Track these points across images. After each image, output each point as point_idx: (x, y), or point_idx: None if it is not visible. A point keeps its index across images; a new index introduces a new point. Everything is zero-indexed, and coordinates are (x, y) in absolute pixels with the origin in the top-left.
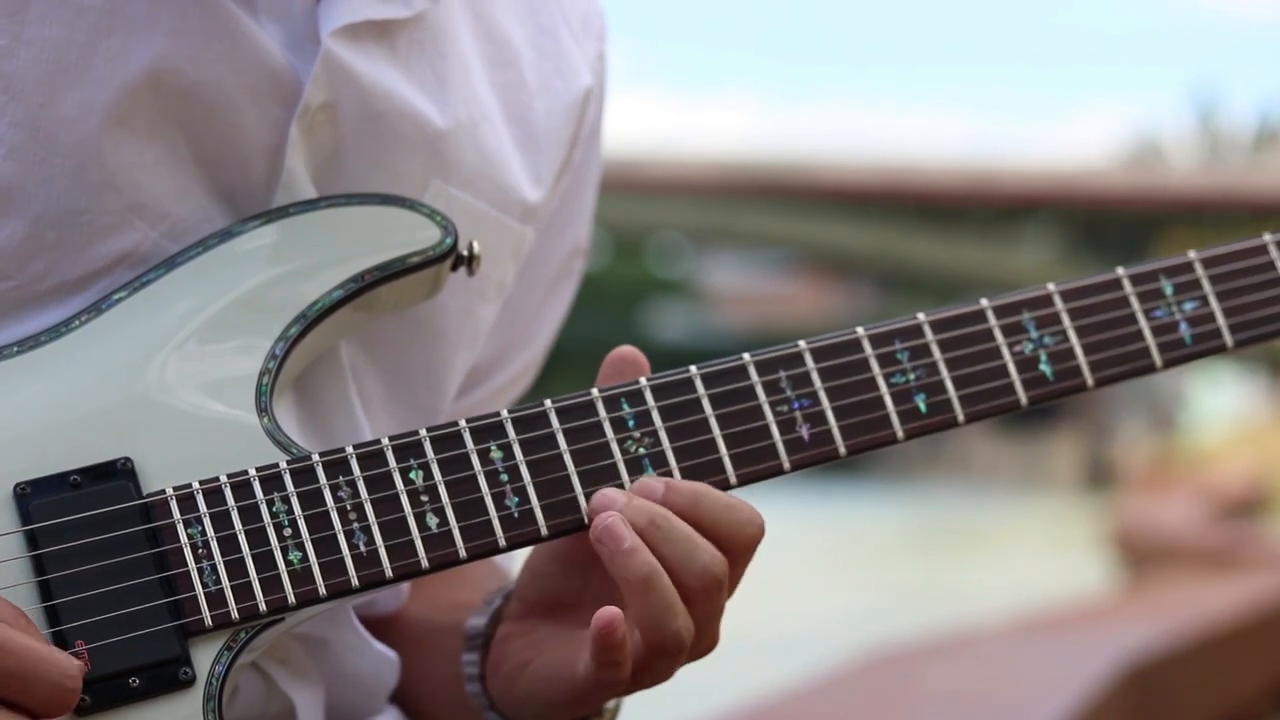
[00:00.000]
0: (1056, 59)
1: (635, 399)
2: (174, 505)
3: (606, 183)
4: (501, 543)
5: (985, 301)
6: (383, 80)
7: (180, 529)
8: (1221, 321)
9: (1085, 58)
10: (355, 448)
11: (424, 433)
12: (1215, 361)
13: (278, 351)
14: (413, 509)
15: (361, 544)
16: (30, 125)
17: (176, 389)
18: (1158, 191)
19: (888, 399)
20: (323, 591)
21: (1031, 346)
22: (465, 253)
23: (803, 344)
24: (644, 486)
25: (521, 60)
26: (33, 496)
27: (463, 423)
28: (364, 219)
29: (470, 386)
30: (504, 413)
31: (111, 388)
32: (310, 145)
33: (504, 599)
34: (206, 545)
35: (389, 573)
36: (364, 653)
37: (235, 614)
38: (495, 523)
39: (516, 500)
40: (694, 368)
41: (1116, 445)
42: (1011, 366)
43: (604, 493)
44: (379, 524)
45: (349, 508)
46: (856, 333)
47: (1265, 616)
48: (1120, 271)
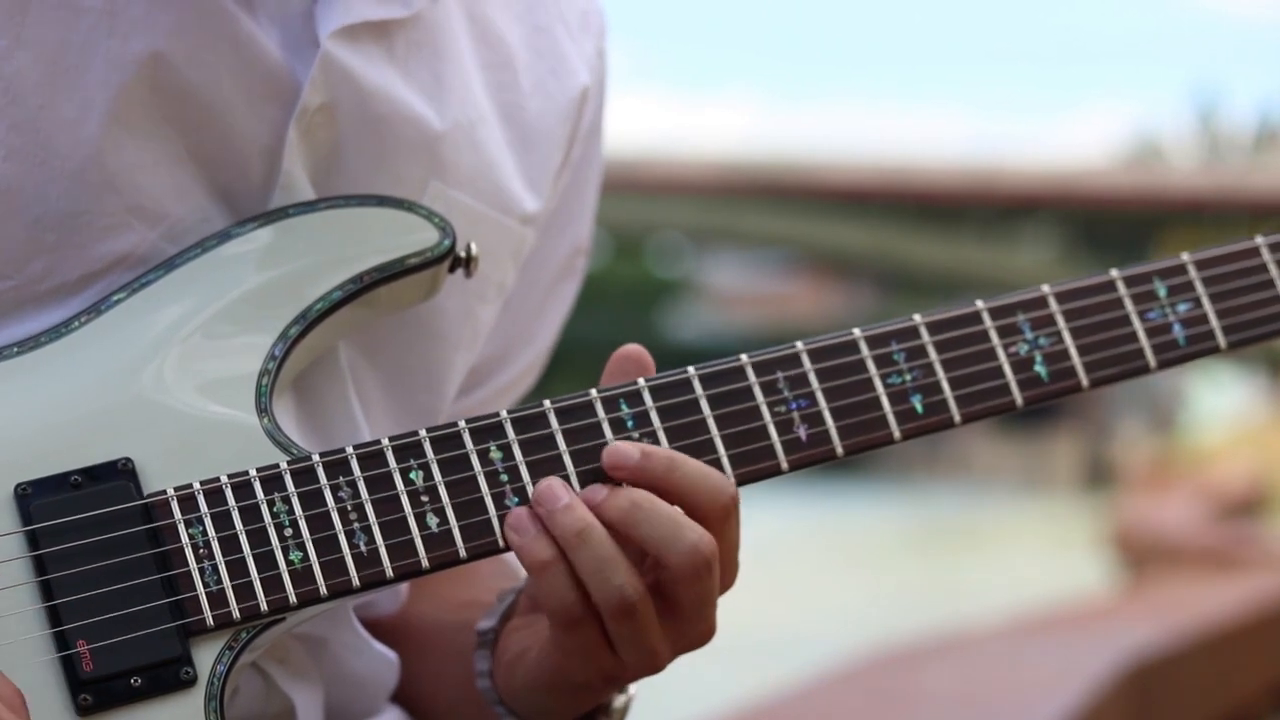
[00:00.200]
0: (1057, 59)
1: (634, 400)
2: (175, 505)
3: (606, 183)
4: (501, 543)
5: (981, 303)
6: (381, 82)
7: (181, 529)
8: (1215, 323)
9: (1085, 58)
10: (355, 448)
11: (424, 433)
12: (1214, 361)
13: (277, 352)
14: (413, 509)
15: (362, 544)
16: (30, 127)
17: (176, 389)
18: (1158, 191)
19: (884, 400)
20: (324, 591)
21: (1027, 348)
22: (463, 254)
23: (800, 345)
24: (618, 451)
25: (516, 60)
26: (34, 497)
27: (462, 423)
28: (362, 220)
29: (472, 386)
30: (503, 413)
31: (112, 388)
32: (308, 146)
33: (516, 596)
34: (208, 545)
35: (389, 572)
36: (363, 653)
37: (237, 614)
38: (495, 522)
39: (516, 500)
40: (692, 369)
41: (1116, 445)
42: (1007, 367)
43: (593, 489)
44: (379, 524)
45: (349, 508)
46: (853, 334)
47: (1265, 616)
48: (1114, 273)
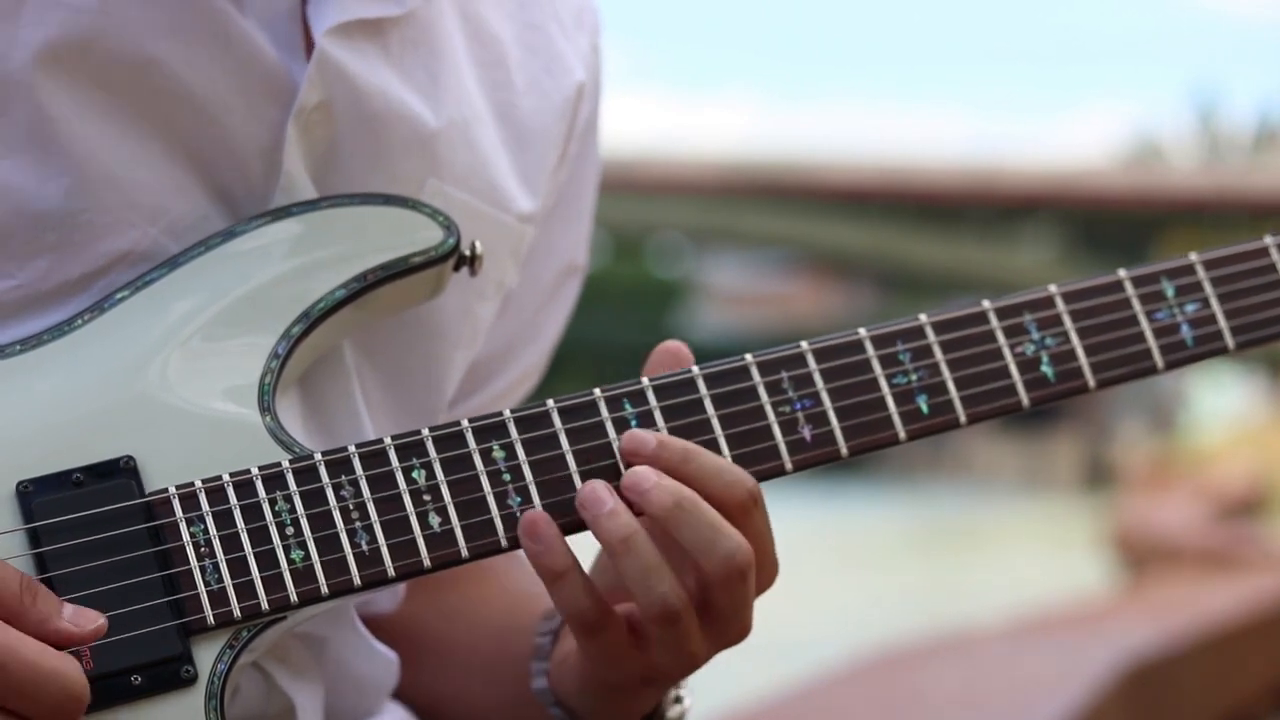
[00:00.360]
0: (1056, 59)
1: (638, 399)
2: (176, 504)
3: (606, 183)
4: (503, 542)
5: (987, 303)
6: (376, 80)
7: (182, 527)
8: (1223, 323)
9: (1085, 58)
10: (358, 447)
11: (426, 432)
12: (1216, 362)
13: (280, 350)
14: (415, 508)
15: (364, 543)
16: (28, 126)
17: (179, 388)
18: (1158, 191)
19: (890, 400)
20: (325, 590)
21: (1033, 348)
22: (467, 252)
23: (805, 344)
24: (635, 438)
25: (509, 59)
26: (35, 494)
27: (465, 422)
28: (366, 219)
29: (474, 389)
30: (506, 412)
31: (114, 386)
32: (307, 145)
33: None
34: (209, 544)
35: (391, 572)
36: (364, 652)
37: (237, 612)
38: (497, 522)
39: (519, 500)
40: (696, 368)
41: (1117, 445)
42: (1013, 367)
43: (641, 473)
44: (381, 523)
45: (351, 507)
46: (859, 333)
47: (1265, 616)
48: (1122, 273)
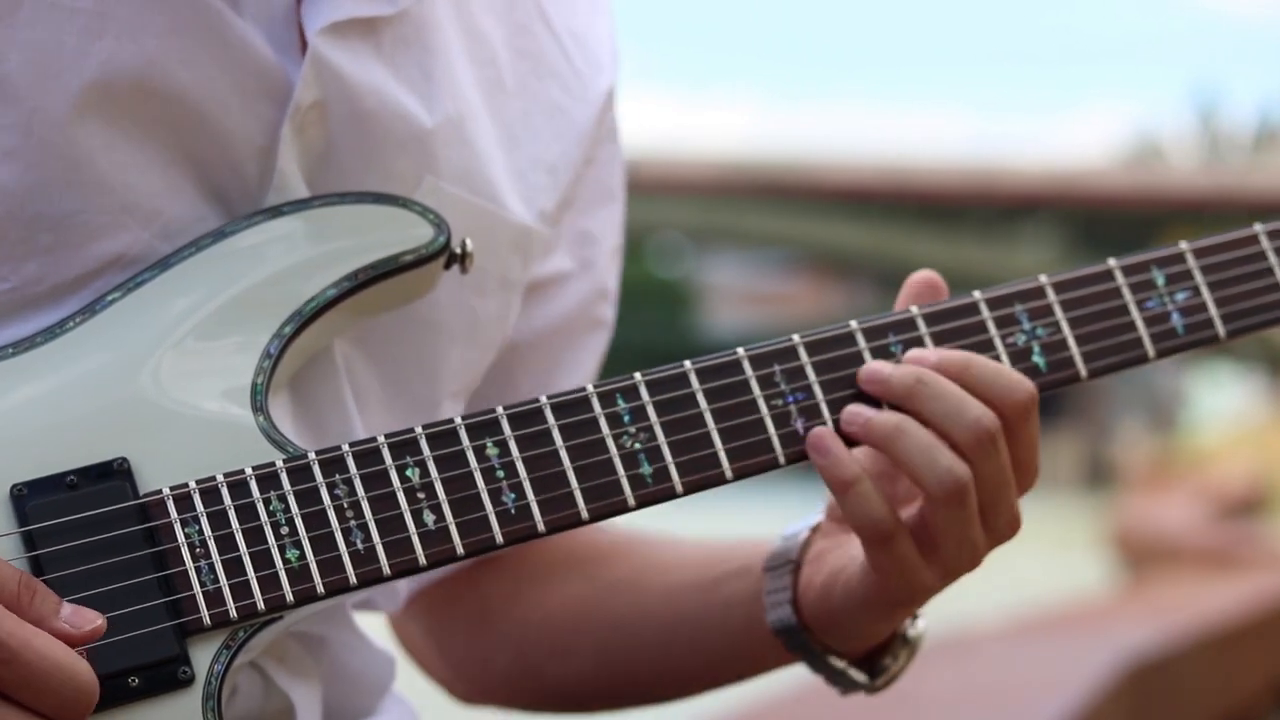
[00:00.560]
0: (1057, 59)
1: (630, 394)
2: (171, 505)
3: None
4: (499, 539)
5: (978, 294)
6: (370, 78)
7: (177, 528)
8: (1213, 311)
9: (1085, 58)
10: (351, 445)
11: (420, 430)
12: (1215, 360)
13: (273, 350)
14: (409, 506)
15: (359, 541)
16: (23, 128)
17: (172, 389)
18: (1158, 191)
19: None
20: (320, 589)
21: (1024, 338)
22: (458, 250)
23: (796, 338)
24: (915, 356)
25: (499, 58)
26: (29, 498)
27: (458, 419)
28: (357, 217)
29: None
30: (499, 409)
31: (107, 388)
32: (302, 144)
33: (810, 530)
34: (204, 544)
35: (386, 570)
36: (362, 651)
37: (233, 613)
38: (492, 519)
39: (513, 496)
40: (688, 362)
41: (1116, 445)
42: (1004, 358)
43: (872, 363)
44: (376, 521)
45: (346, 505)
46: (850, 326)
47: (1265, 616)
48: (1112, 262)
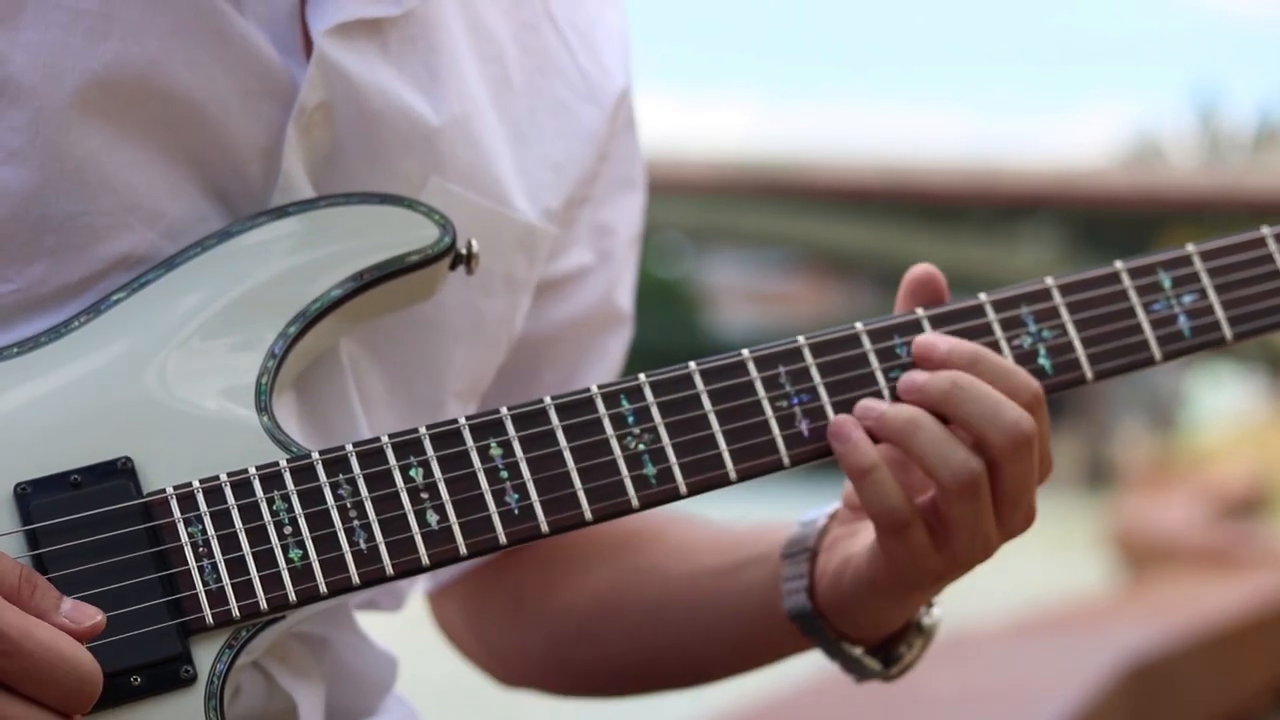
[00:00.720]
0: (1057, 59)
1: (634, 395)
2: (174, 504)
3: None
4: (502, 539)
5: (984, 296)
6: (376, 78)
7: (180, 527)
8: (1220, 314)
9: (1086, 58)
10: (355, 445)
11: (423, 430)
12: (1215, 360)
13: (277, 350)
14: (413, 506)
15: (362, 541)
16: (28, 130)
17: (176, 388)
18: (1158, 191)
19: (887, 394)
20: (323, 589)
21: (1030, 340)
22: (464, 251)
23: (801, 339)
24: (924, 344)
25: (506, 55)
26: (33, 496)
27: (462, 420)
28: (362, 218)
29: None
30: (503, 410)
31: (111, 388)
32: (307, 145)
33: (828, 517)
34: (207, 544)
35: (389, 570)
36: (364, 652)
37: (236, 612)
38: (495, 519)
39: (517, 497)
40: (693, 364)
41: (1116, 444)
42: (1010, 360)
43: (910, 374)
44: (379, 521)
45: (349, 505)
46: (855, 328)
47: (1265, 616)
48: (1118, 265)
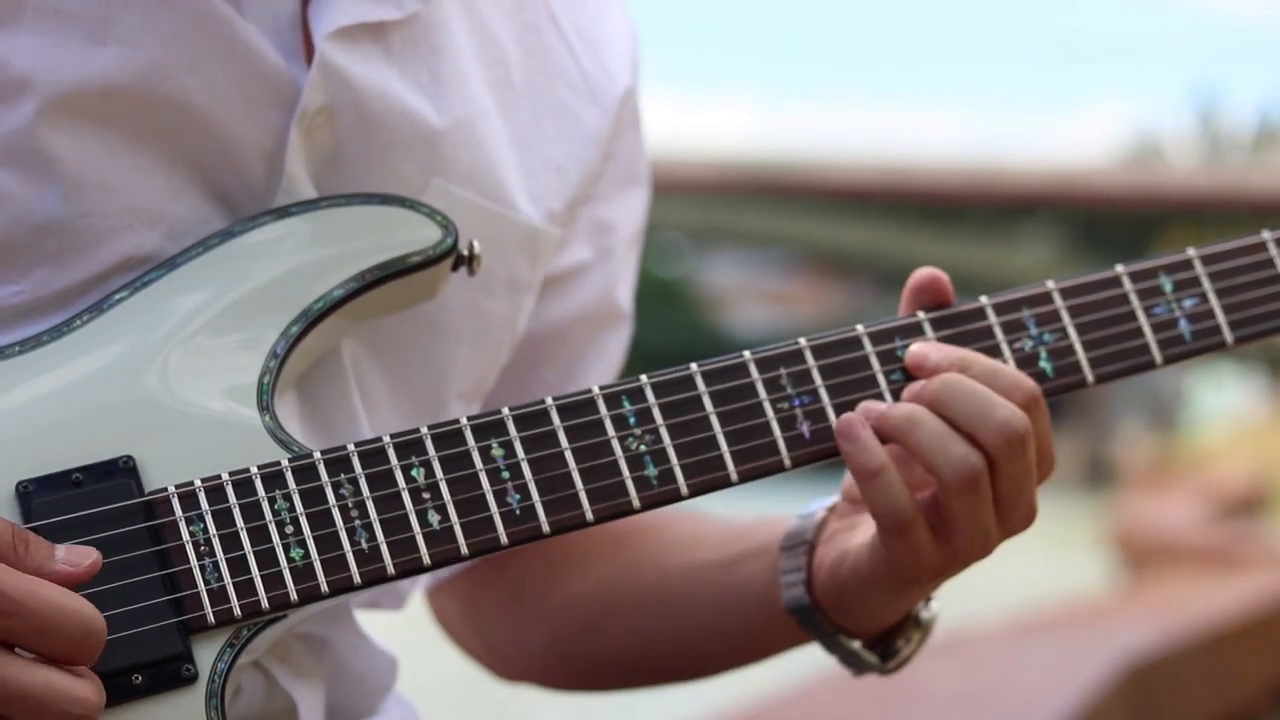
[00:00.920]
0: (1057, 59)
1: (636, 396)
2: (176, 503)
3: None
4: (503, 539)
5: (985, 299)
6: (378, 81)
7: (182, 526)
8: (1221, 318)
9: (1086, 58)
10: (356, 445)
11: (425, 430)
12: (1215, 360)
13: (279, 350)
14: (414, 506)
15: (363, 541)
16: (29, 133)
17: (178, 388)
18: (1158, 191)
19: (888, 396)
20: (325, 588)
21: (1031, 343)
22: (465, 252)
23: (803, 341)
24: (916, 354)
25: (509, 57)
26: (35, 494)
27: (464, 420)
28: (364, 219)
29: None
30: (505, 410)
31: (113, 387)
32: (309, 148)
33: (826, 510)
34: (209, 543)
35: (391, 569)
36: (364, 652)
37: (238, 611)
38: (497, 519)
39: (518, 497)
40: (694, 365)
41: (1116, 444)
42: (1011, 363)
43: (909, 385)
44: (380, 521)
45: (350, 505)
46: (856, 330)
47: (1265, 616)
48: (1120, 269)
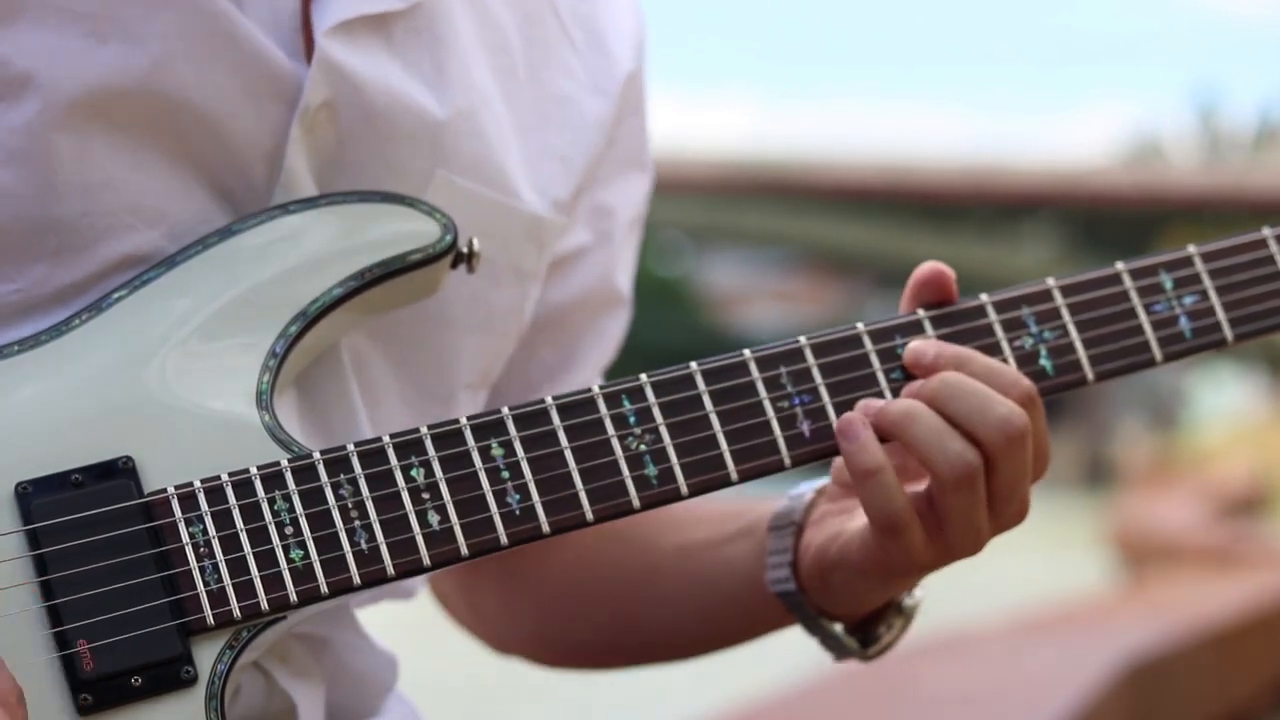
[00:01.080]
0: (1058, 59)
1: (636, 395)
2: (175, 504)
3: None
4: (503, 540)
5: (985, 297)
6: (380, 75)
7: (181, 528)
8: (1221, 315)
9: (1086, 57)
10: (356, 445)
11: (425, 430)
12: (1215, 359)
13: (278, 349)
14: (414, 506)
15: (363, 541)
16: (29, 131)
17: (177, 387)
18: (1158, 190)
19: (888, 395)
20: (324, 589)
21: (1031, 341)
22: (465, 250)
23: (803, 339)
24: (914, 350)
25: (512, 46)
26: (34, 496)
27: (463, 420)
28: (364, 216)
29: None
30: (505, 410)
31: (112, 386)
32: (311, 144)
33: (815, 492)
34: (208, 544)
35: (390, 570)
36: (364, 652)
37: (237, 612)
38: (497, 519)
39: (518, 497)
40: (694, 364)
41: (1117, 444)
42: (1011, 361)
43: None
44: (380, 521)
45: (350, 505)
46: (857, 328)
47: (1265, 615)
48: (1120, 266)
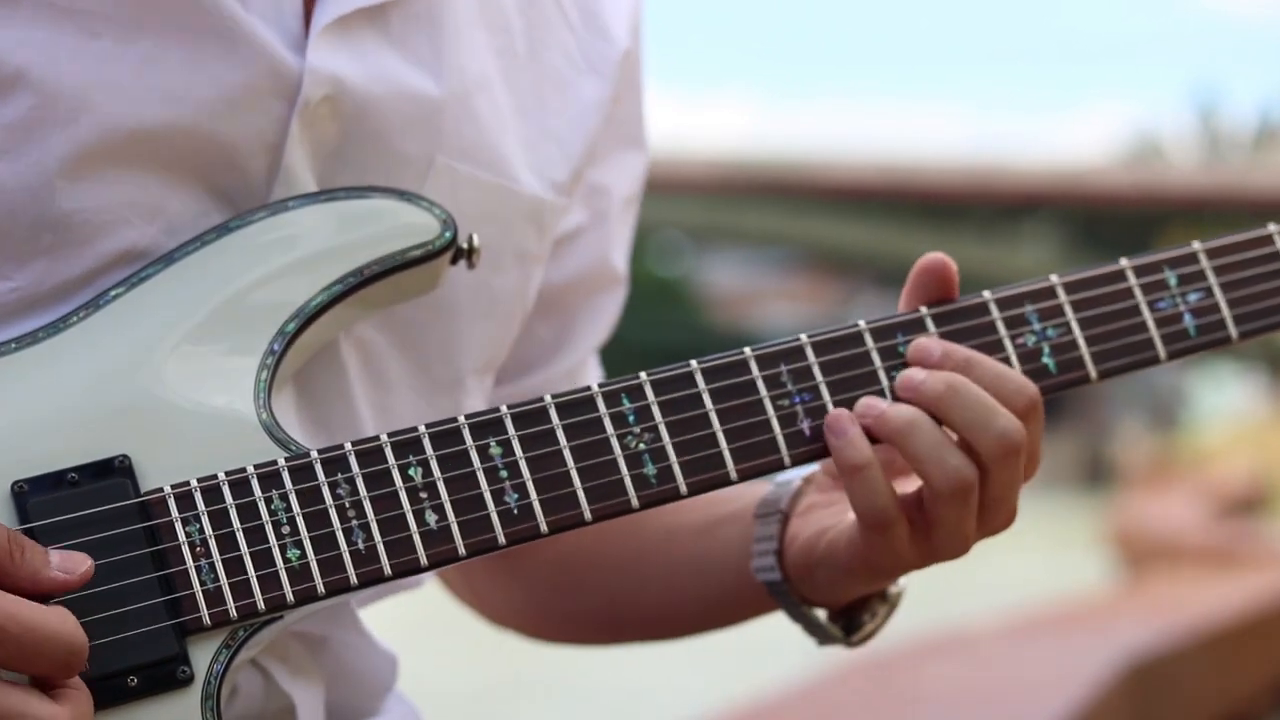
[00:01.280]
0: (1058, 59)
1: (635, 394)
2: (171, 503)
3: None
4: (501, 539)
5: (988, 294)
6: (379, 67)
7: (178, 527)
8: (1226, 312)
9: (1086, 57)
10: (354, 444)
11: (423, 429)
12: (1216, 359)
13: (276, 347)
14: (411, 506)
15: (360, 541)
16: (24, 127)
17: (174, 386)
18: (1158, 190)
19: (889, 393)
20: (321, 589)
21: (1034, 339)
22: (465, 245)
23: (804, 337)
24: (919, 348)
25: (512, 25)
26: (30, 494)
27: (462, 419)
28: (362, 212)
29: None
30: (503, 409)
31: (109, 384)
32: (312, 139)
33: (803, 480)
34: (204, 543)
35: (387, 570)
36: (364, 651)
37: (233, 612)
38: (495, 519)
39: (516, 496)
40: (694, 362)
41: (1117, 443)
42: (1014, 359)
43: (908, 371)
44: (378, 521)
45: (347, 505)
46: (858, 326)
47: (1265, 615)
48: (1124, 262)
